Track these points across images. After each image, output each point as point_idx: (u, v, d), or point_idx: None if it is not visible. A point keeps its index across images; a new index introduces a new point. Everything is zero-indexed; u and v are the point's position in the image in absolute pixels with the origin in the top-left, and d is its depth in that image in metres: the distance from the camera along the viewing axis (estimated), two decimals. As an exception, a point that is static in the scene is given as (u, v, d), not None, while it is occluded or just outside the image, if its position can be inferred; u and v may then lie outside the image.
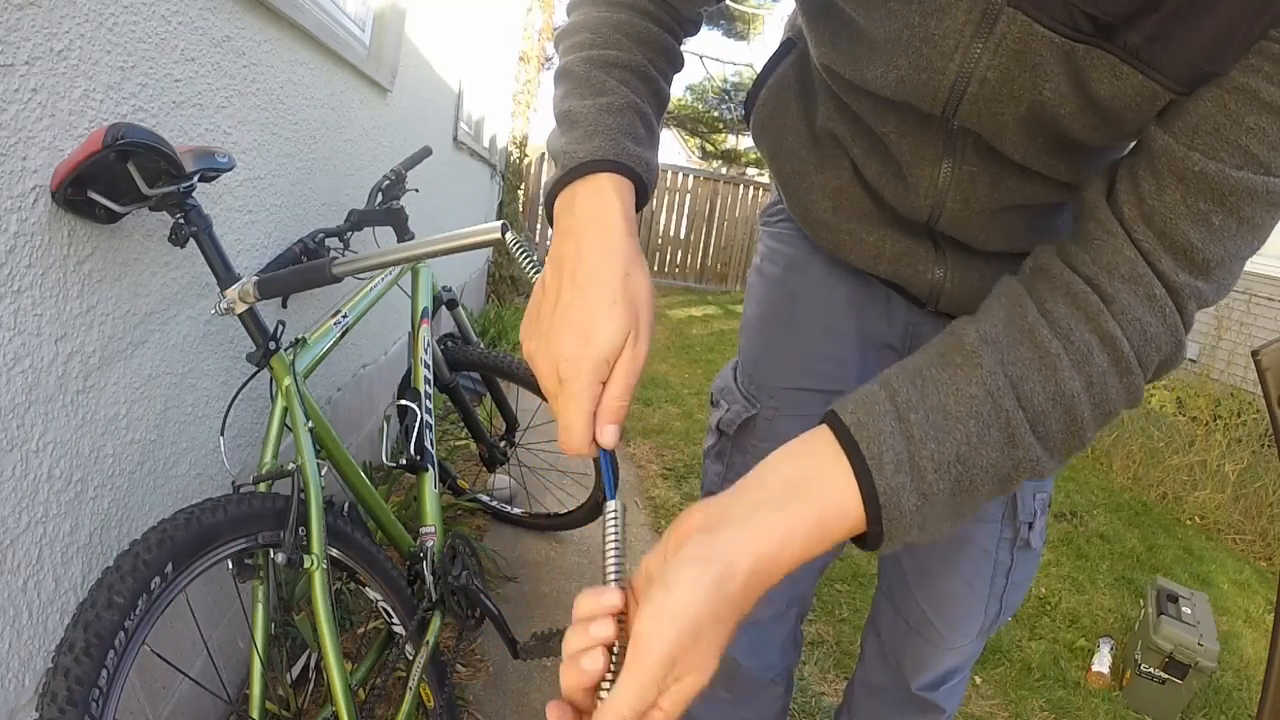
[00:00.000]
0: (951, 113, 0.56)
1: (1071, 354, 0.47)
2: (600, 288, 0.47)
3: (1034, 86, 0.52)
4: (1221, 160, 0.46)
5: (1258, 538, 3.58)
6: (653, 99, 0.61)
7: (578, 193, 0.52)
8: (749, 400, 0.89)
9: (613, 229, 0.50)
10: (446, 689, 1.32)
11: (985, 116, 0.55)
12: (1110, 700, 2.07)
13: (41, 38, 0.76)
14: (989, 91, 0.53)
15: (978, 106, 0.55)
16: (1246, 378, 5.18)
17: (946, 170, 0.64)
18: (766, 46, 16.36)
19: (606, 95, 0.56)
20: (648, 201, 0.56)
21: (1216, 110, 0.46)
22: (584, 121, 0.55)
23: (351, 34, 1.96)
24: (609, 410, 0.47)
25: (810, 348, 0.86)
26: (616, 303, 0.47)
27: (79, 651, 0.76)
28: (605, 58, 0.59)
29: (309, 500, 1.06)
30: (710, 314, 7.33)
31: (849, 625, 2.12)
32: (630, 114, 0.56)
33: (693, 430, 3.56)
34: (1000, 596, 0.85)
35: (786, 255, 0.88)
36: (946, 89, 0.55)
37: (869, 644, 0.99)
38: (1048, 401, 0.47)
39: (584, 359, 0.46)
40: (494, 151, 5.09)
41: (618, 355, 0.47)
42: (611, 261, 0.48)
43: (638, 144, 0.55)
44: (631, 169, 0.53)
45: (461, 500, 2.24)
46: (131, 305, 1.00)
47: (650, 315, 0.49)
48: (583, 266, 0.48)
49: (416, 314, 1.65)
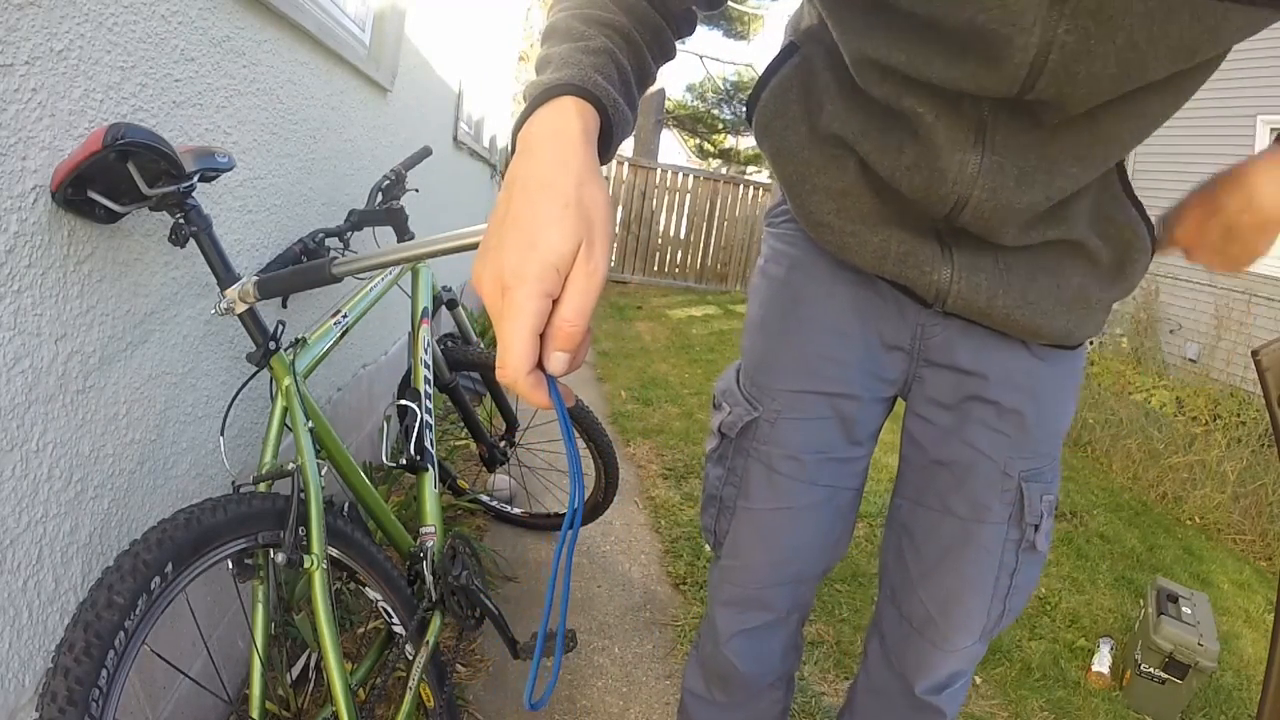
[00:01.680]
0: (1029, 88, 0.56)
1: None
2: (550, 192, 0.44)
3: (1110, 38, 0.51)
4: None
5: (1258, 538, 3.58)
6: (633, 58, 0.59)
7: (537, 116, 0.50)
8: (751, 403, 0.88)
9: (569, 140, 0.47)
10: (446, 689, 1.32)
11: (1063, 82, 0.55)
12: (1110, 700, 2.07)
13: (41, 38, 0.76)
14: (1068, 55, 0.53)
15: (1056, 75, 0.54)
16: (1246, 378, 5.18)
17: (975, 160, 0.64)
18: (766, 46, 16.35)
19: (584, 40, 0.56)
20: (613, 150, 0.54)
21: None
22: (556, 60, 0.54)
23: (351, 34, 1.96)
24: (559, 334, 0.42)
25: (813, 349, 0.86)
26: (568, 207, 0.43)
27: (79, 651, 0.76)
28: (590, 15, 0.59)
29: (309, 500, 1.06)
30: (710, 314, 7.33)
31: (849, 625, 2.12)
32: (605, 56, 0.55)
33: (693, 430, 3.56)
34: (1004, 598, 0.85)
35: (790, 256, 0.88)
36: (1028, 65, 0.54)
37: (872, 647, 0.99)
38: None
39: (528, 263, 0.42)
40: (494, 151, 5.09)
41: (568, 266, 0.43)
42: (564, 170, 0.45)
43: (609, 82, 0.53)
44: (597, 98, 0.51)
45: (461, 500, 2.24)
46: (131, 305, 1.00)
47: (607, 229, 0.45)
48: (534, 176, 0.45)
49: (416, 314, 1.65)
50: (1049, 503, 0.83)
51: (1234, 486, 3.78)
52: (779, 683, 1.02)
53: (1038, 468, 0.83)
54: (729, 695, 1.00)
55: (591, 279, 0.43)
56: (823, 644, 2.01)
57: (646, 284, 8.72)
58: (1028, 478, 0.82)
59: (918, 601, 0.88)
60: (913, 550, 0.89)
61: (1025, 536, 0.83)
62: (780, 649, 0.99)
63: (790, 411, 0.86)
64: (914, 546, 0.89)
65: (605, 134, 0.52)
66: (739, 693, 0.99)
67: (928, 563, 0.87)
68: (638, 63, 0.60)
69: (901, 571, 0.91)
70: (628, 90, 0.57)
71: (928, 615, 0.88)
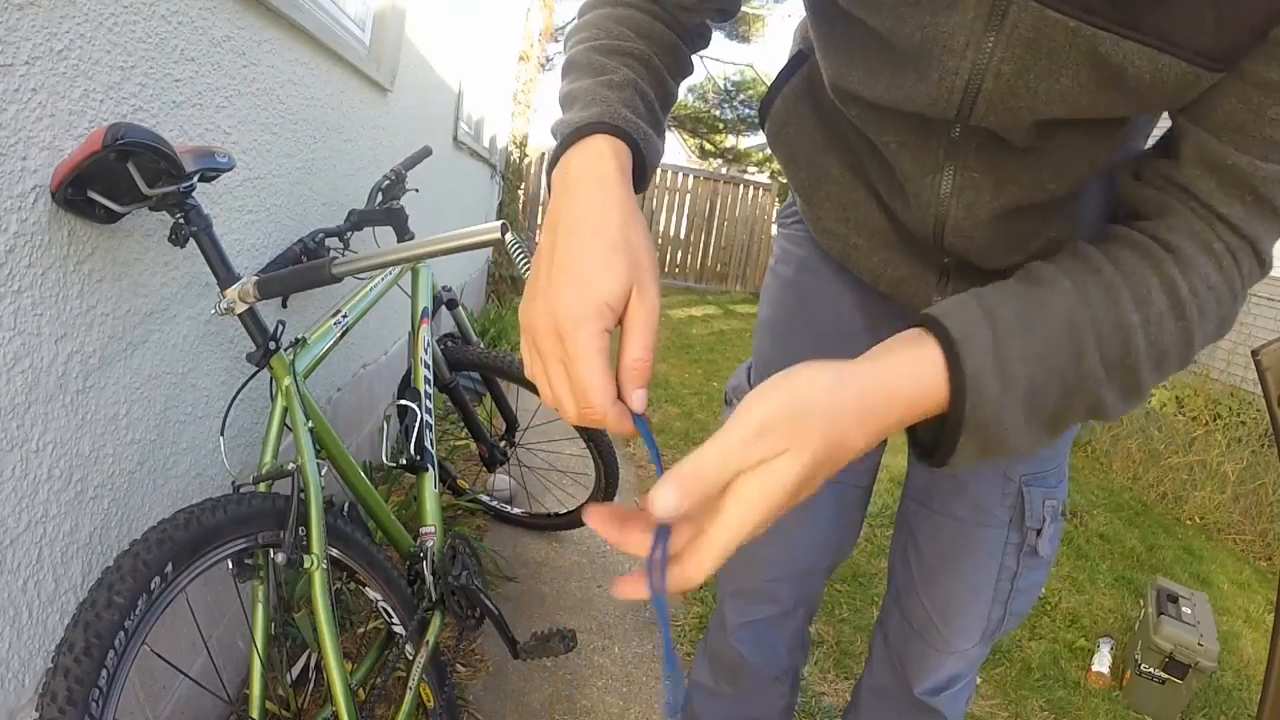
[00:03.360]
0: (966, 114, 0.55)
1: (1133, 290, 0.48)
2: (597, 237, 0.45)
3: (1051, 76, 0.50)
4: (1250, 152, 0.47)
5: (1258, 538, 3.58)
6: (655, 85, 0.60)
7: (572, 156, 0.51)
8: None
9: (608, 182, 0.48)
10: (446, 689, 1.32)
11: (1002, 112, 0.54)
12: (1110, 700, 2.07)
13: (41, 38, 0.76)
14: (1004, 86, 0.52)
15: (993, 104, 0.53)
16: (1246, 378, 5.18)
17: (948, 178, 0.62)
18: (767, 46, 16.35)
19: (607, 74, 0.56)
20: (647, 181, 0.55)
21: (1239, 105, 0.46)
22: (582, 97, 0.54)
23: (351, 34, 1.96)
24: (633, 373, 0.43)
25: (822, 349, 0.85)
26: (616, 250, 0.44)
27: (79, 651, 0.76)
28: (609, 46, 0.59)
29: (309, 500, 1.06)
30: (710, 314, 7.33)
31: (849, 625, 2.12)
32: (629, 90, 0.55)
33: (693, 430, 3.56)
34: (1005, 602, 0.85)
35: (799, 257, 0.89)
36: (960, 90, 0.53)
37: (877, 646, 1.00)
38: (1109, 328, 0.48)
39: (585, 305, 0.43)
40: (494, 151, 5.09)
41: (621, 305, 0.44)
42: (608, 212, 0.46)
43: (637, 115, 0.53)
44: (628, 134, 0.51)
45: (461, 500, 2.24)
46: (131, 305, 1.00)
47: (654, 267, 0.46)
48: (579, 219, 0.46)
49: (416, 314, 1.65)
50: (1052, 507, 0.83)
51: (1234, 486, 3.79)
52: (785, 677, 1.03)
53: (1040, 471, 0.83)
54: (736, 687, 1.01)
55: (651, 317, 0.44)
56: (823, 644, 2.01)
57: (646, 284, 8.71)
58: (1029, 481, 0.82)
59: (918, 603, 0.89)
60: (915, 552, 0.89)
61: (1027, 540, 0.83)
62: (787, 642, 1.00)
63: None
64: (916, 548, 0.89)
65: (638, 166, 0.53)
66: (746, 684, 1.01)
67: (929, 564, 0.88)
68: (660, 88, 0.61)
69: (905, 572, 0.91)
70: (655, 119, 0.57)
71: (927, 617, 0.88)
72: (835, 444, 0.40)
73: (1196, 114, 0.49)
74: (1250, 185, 0.47)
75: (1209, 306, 0.49)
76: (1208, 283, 0.49)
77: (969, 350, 0.44)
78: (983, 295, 0.48)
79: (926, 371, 0.44)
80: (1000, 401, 0.45)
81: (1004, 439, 0.46)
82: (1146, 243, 0.50)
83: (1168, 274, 0.48)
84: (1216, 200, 0.49)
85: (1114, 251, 0.50)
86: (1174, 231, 0.50)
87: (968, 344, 0.45)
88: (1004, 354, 0.45)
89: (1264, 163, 0.46)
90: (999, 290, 0.49)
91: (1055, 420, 0.49)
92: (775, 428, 0.38)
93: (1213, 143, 0.48)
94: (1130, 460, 4.21)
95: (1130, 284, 0.48)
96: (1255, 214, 0.49)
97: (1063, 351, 0.47)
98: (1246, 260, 0.50)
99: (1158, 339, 0.49)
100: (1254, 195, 0.48)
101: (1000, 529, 0.83)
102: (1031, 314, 0.47)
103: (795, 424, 0.39)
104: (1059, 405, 0.48)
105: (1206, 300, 0.49)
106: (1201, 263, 0.49)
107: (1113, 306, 0.48)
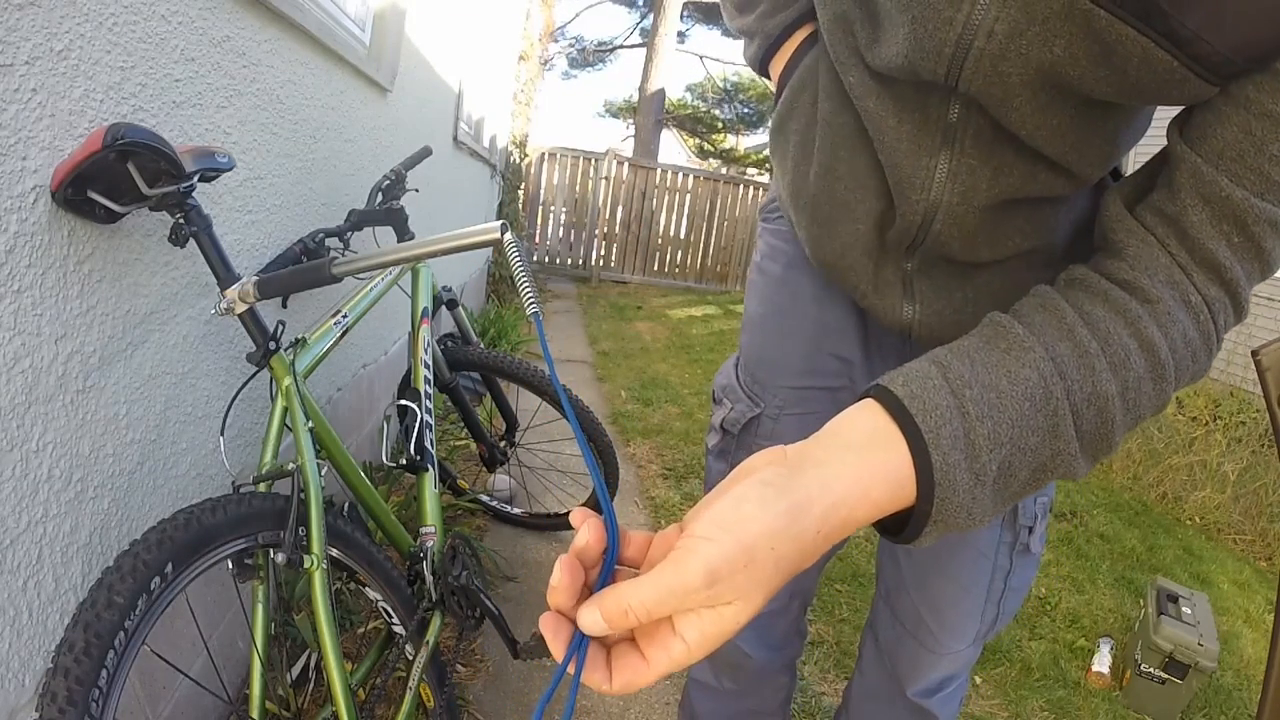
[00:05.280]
0: (955, 76, 0.54)
1: (1109, 356, 0.46)
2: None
3: (1044, 43, 0.49)
4: (1245, 186, 0.45)
5: (1258, 538, 3.58)
6: None
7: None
8: (752, 399, 0.89)
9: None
10: (446, 689, 1.32)
11: (991, 77, 0.53)
12: (1110, 700, 2.07)
13: (41, 38, 0.76)
14: (996, 48, 0.51)
15: (983, 65, 0.52)
16: (1246, 377, 5.18)
17: (944, 163, 0.62)
18: (766, 46, 16.31)
19: None
20: None
21: (1241, 135, 0.45)
22: None
23: (351, 34, 1.96)
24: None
25: (814, 345, 0.86)
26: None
27: (79, 651, 0.76)
28: None
29: (309, 500, 1.06)
30: (710, 314, 7.33)
31: (849, 625, 2.12)
32: None
33: (693, 430, 3.56)
34: (998, 601, 0.85)
35: (787, 253, 0.88)
36: (952, 43, 0.52)
37: (867, 647, 1.00)
38: (1083, 400, 0.46)
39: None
40: (494, 151, 5.09)
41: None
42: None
43: None
44: None
45: (461, 500, 2.24)
46: (131, 305, 1.00)
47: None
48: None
49: (416, 314, 1.65)
50: (1043, 504, 0.83)
51: (1234, 486, 3.79)
52: (784, 669, 1.04)
53: None
54: (737, 682, 1.02)
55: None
56: (823, 644, 2.01)
57: (646, 284, 8.73)
58: None
59: (910, 604, 0.88)
60: (906, 551, 0.89)
61: (1019, 539, 0.83)
62: (784, 634, 1.01)
63: (792, 407, 0.86)
64: (906, 548, 0.89)
65: None
66: (747, 679, 1.01)
67: (921, 564, 0.87)
68: None
69: (895, 573, 0.91)
70: None
71: (920, 617, 0.88)
72: (789, 573, 0.38)
73: (1195, 139, 0.48)
74: (1242, 222, 0.46)
75: (1185, 363, 0.48)
76: (1185, 338, 0.48)
77: (937, 444, 0.42)
78: (949, 368, 0.45)
79: (893, 476, 0.42)
80: (971, 494, 0.43)
81: (971, 522, 0.45)
82: (1122, 298, 0.48)
83: (1145, 334, 0.47)
84: (1205, 235, 0.47)
85: (1087, 308, 0.48)
86: (1154, 278, 0.48)
87: (935, 439, 0.42)
88: (975, 444, 0.43)
89: (1259, 199, 0.45)
90: (964, 356, 0.46)
91: (1023, 492, 0.47)
92: (725, 578, 0.35)
93: (1209, 171, 0.46)
94: (1130, 460, 4.20)
95: (1107, 349, 0.46)
96: (1241, 255, 0.47)
97: (1036, 430, 0.45)
98: (1223, 314, 0.49)
99: (1135, 404, 0.47)
100: (1243, 234, 0.46)
101: (993, 528, 0.82)
102: (1000, 388, 0.45)
103: (748, 574, 0.36)
104: (1029, 480, 0.46)
105: (1184, 357, 0.48)
106: (1181, 318, 0.47)
107: (1089, 375, 0.46)
